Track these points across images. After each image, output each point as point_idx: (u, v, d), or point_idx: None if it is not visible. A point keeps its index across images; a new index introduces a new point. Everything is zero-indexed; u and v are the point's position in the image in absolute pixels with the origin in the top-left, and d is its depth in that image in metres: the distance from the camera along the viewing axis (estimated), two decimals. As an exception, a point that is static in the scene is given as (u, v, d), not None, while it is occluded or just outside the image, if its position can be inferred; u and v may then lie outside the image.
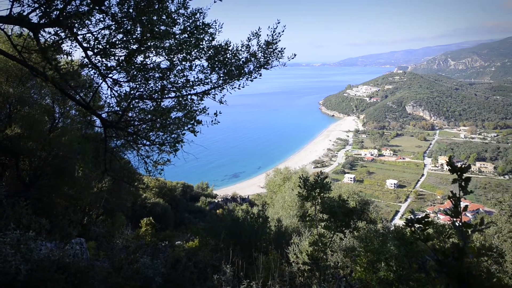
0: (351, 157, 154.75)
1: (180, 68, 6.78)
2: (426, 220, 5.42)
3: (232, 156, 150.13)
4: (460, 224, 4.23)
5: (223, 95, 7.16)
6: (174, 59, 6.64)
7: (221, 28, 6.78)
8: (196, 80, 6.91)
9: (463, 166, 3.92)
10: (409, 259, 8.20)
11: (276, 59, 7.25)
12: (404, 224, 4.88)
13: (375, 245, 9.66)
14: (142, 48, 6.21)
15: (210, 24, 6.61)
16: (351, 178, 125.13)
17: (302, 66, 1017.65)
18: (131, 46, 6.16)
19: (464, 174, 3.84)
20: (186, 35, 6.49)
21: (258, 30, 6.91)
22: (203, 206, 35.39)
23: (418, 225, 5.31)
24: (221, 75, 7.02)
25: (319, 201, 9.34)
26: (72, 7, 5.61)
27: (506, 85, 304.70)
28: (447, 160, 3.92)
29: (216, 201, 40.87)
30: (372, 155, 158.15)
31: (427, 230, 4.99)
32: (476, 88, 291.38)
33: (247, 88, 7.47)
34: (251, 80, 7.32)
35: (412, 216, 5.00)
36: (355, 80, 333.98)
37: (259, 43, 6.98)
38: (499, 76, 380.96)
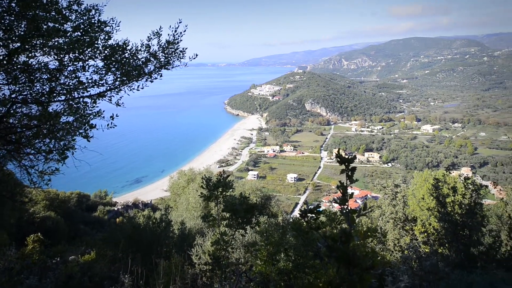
0: (255, 154, 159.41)
1: (71, 69, 6.23)
2: (317, 210, 5.78)
3: (134, 161, 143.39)
4: (347, 210, 4.59)
5: (121, 97, 6.78)
6: (65, 59, 6.09)
7: (119, 26, 6.46)
8: (90, 81, 6.39)
9: (349, 157, 4.25)
10: (305, 248, 8.67)
11: (178, 59, 7.10)
12: (299, 215, 5.11)
13: (276, 238, 10.04)
14: (26, 47, 5.55)
15: (107, 22, 6.27)
16: (254, 175, 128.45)
17: (208, 66, 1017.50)
18: (13, 44, 5.48)
19: (350, 165, 4.15)
20: (79, 33, 6.02)
21: (159, 29, 6.69)
22: (101, 215, 33.23)
23: (311, 215, 5.63)
24: (118, 76, 6.62)
25: (221, 200, 9.40)
26: None
27: (389, 82, 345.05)
28: (336, 153, 4.21)
29: (115, 209, 38.62)
30: (274, 151, 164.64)
31: (320, 219, 5.31)
32: (365, 85, 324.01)
33: (150, 89, 7.18)
34: (151, 81, 7.07)
35: (305, 207, 5.28)
36: (259, 80, 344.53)
37: (160, 43, 6.78)
38: (384, 74, 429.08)
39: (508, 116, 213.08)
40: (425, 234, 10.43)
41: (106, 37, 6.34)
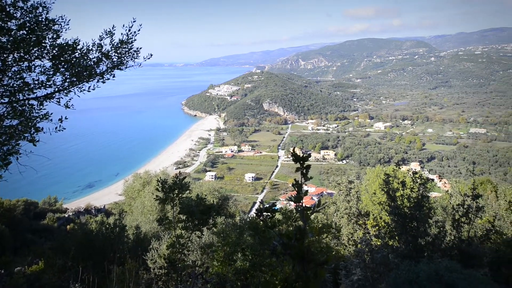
0: (213, 155, 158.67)
1: (16, 69, 5.88)
2: (273, 208, 5.79)
3: (86, 165, 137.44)
4: (301, 208, 4.63)
5: (70, 99, 6.50)
6: (9, 59, 5.73)
7: (68, 25, 6.17)
8: (37, 82, 6.07)
9: (304, 155, 4.28)
10: (262, 247, 8.71)
11: (132, 59, 6.93)
12: (255, 214, 5.11)
13: (233, 238, 10.03)
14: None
15: (55, 20, 5.96)
16: (212, 175, 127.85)
17: (165, 66, 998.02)
18: None
19: (305, 163, 4.18)
20: (25, 32, 5.68)
21: (112, 28, 6.46)
22: (51, 223, 31.59)
23: (267, 214, 5.62)
24: (68, 76, 6.34)
25: (177, 202, 9.27)
26: None
27: (344, 82, 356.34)
28: (292, 151, 4.21)
29: (66, 215, 36.85)
30: (232, 151, 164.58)
31: (275, 217, 5.31)
32: (321, 85, 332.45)
33: (104, 90, 6.92)
34: (103, 82, 6.84)
35: (261, 206, 5.29)
36: (217, 80, 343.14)
37: (113, 42, 6.57)
38: (339, 74, 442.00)
39: (453, 113, 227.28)
40: (377, 227, 10.83)
41: (55, 36, 6.08)
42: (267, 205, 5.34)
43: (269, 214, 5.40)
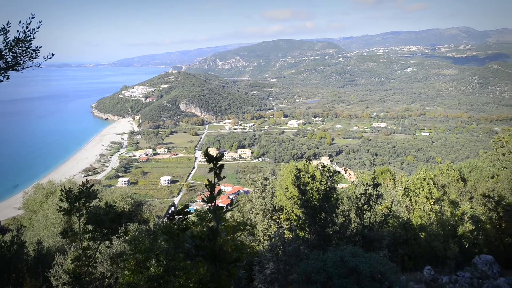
0: (126, 159, 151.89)
1: None
2: (185, 211, 5.62)
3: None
4: (213, 208, 4.58)
5: None
6: None
7: None
8: None
9: (217, 155, 4.21)
10: (176, 250, 8.52)
11: (30, 59, 6.31)
12: (167, 218, 4.90)
13: (146, 244, 9.65)
14: None
15: None
16: (125, 181, 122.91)
17: (73, 67, 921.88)
18: None
19: (218, 163, 4.10)
20: None
21: (7, 25, 5.75)
22: None
23: (179, 217, 5.43)
24: None
25: (84, 212, 8.69)
26: None
27: (261, 81, 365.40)
28: (205, 152, 4.10)
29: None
30: (147, 155, 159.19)
31: (190, 219, 5.14)
32: (239, 85, 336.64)
33: (3, 93, 6.05)
34: None
35: (173, 209, 5.15)
36: (131, 81, 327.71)
37: (8, 41, 5.94)
38: (256, 74, 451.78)
39: (358, 109, 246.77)
40: (289, 221, 11.28)
41: None
42: (179, 208, 5.22)
43: (181, 216, 5.28)
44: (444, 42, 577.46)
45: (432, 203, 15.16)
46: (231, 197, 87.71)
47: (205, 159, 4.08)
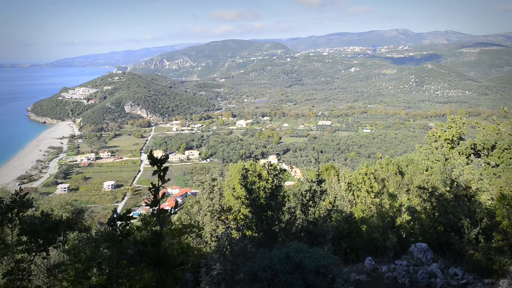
0: (66, 165, 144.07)
1: None
2: (126, 216, 5.39)
3: None
4: (157, 211, 4.42)
5: None
6: None
7: None
8: None
9: (161, 158, 4.05)
10: (119, 257, 8.22)
11: None
12: (107, 224, 4.68)
13: (87, 253, 9.21)
14: None
15: None
16: (65, 188, 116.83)
17: (6, 67, 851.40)
18: None
19: (163, 165, 3.95)
20: None
21: None
22: None
23: (120, 222, 5.19)
24: None
25: (17, 222, 8.09)
26: None
27: (209, 82, 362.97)
28: (148, 154, 3.94)
29: None
30: (89, 159, 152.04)
31: (135, 224, 4.90)
32: (186, 85, 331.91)
33: None
34: None
35: (114, 215, 4.90)
36: (71, 82, 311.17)
37: None
38: (204, 74, 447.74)
39: (305, 108, 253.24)
40: (236, 221, 11.31)
41: None
42: (122, 213, 5.03)
43: (123, 222, 5.08)
44: (385, 43, 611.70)
45: (372, 196, 15.96)
46: (178, 199, 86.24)
47: (149, 162, 3.98)
